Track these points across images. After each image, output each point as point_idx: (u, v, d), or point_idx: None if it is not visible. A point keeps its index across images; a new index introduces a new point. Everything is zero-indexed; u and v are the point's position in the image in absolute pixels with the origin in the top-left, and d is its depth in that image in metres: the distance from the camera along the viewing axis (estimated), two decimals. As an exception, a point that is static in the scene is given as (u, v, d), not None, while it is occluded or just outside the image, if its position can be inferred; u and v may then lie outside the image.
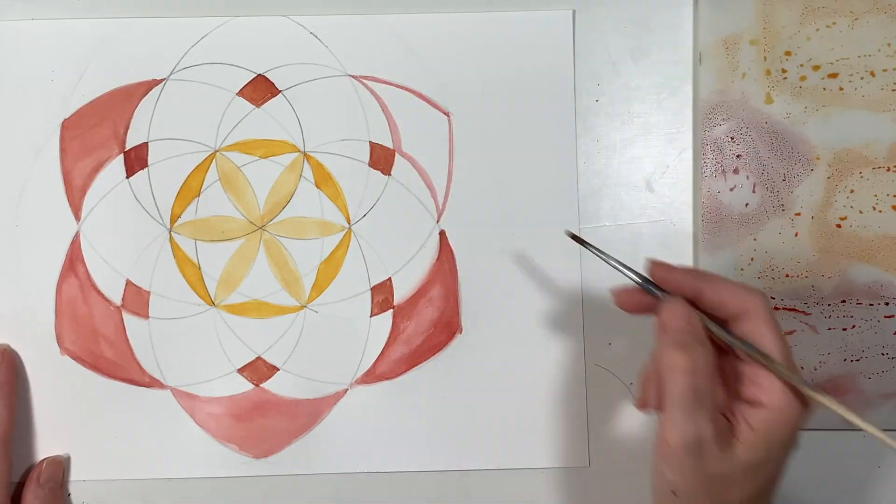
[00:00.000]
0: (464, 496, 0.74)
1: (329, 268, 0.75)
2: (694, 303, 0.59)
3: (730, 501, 0.57)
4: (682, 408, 0.56)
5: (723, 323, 0.59)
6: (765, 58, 0.73)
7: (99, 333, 0.73)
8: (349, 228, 0.75)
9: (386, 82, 0.75)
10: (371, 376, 0.75)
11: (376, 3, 0.76)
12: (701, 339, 0.57)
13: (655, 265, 0.60)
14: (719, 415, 0.57)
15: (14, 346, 0.74)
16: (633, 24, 0.76)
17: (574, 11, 0.76)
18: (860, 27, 0.73)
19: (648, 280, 0.61)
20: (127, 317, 0.74)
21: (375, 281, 0.75)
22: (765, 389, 0.57)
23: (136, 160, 0.74)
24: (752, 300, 0.58)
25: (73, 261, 0.74)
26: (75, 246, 0.74)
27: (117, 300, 0.74)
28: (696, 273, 0.60)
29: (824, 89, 0.73)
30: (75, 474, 0.74)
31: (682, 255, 0.75)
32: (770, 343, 0.57)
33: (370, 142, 0.75)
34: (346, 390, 0.74)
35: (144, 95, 0.74)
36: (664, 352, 0.57)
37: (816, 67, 0.73)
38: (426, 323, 0.75)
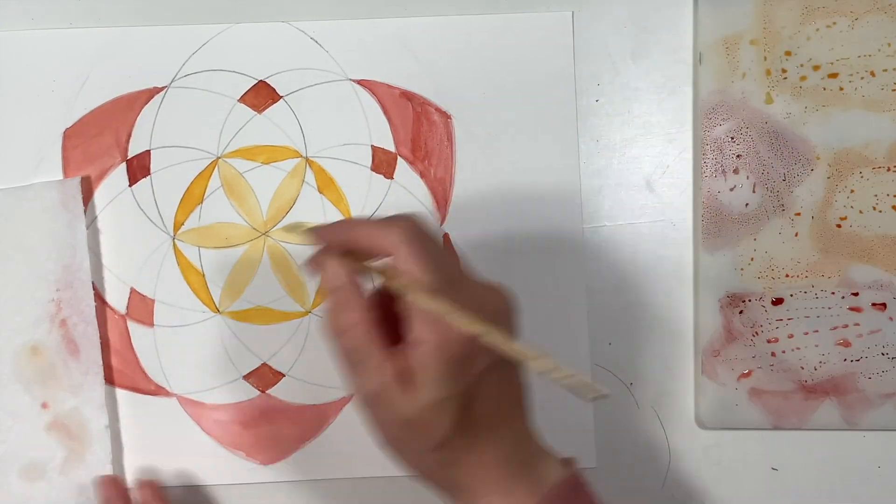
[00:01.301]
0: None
1: (333, 272, 0.75)
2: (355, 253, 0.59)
3: (433, 439, 0.57)
4: (347, 367, 0.58)
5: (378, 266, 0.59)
6: (765, 58, 0.73)
7: (104, 342, 0.74)
8: (353, 233, 0.75)
9: (387, 86, 0.76)
10: (377, 380, 0.75)
11: (376, 7, 0.76)
12: (353, 295, 0.58)
13: (313, 229, 0.61)
14: (396, 358, 0.56)
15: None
16: (633, 24, 0.76)
17: (573, 13, 0.76)
18: (860, 27, 0.73)
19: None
20: (132, 325, 0.74)
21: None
22: (414, 325, 0.57)
23: (138, 168, 0.74)
24: (391, 236, 0.57)
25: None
26: (80, 255, 0.74)
27: (122, 309, 0.74)
28: (346, 224, 0.62)
29: (824, 89, 0.73)
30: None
31: (682, 255, 0.75)
32: (411, 273, 0.56)
33: (372, 146, 0.75)
34: (352, 395, 0.75)
35: (146, 103, 0.75)
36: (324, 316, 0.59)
37: (816, 67, 0.73)
38: (429, 325, 0.75)
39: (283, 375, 0.75)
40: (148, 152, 0.75)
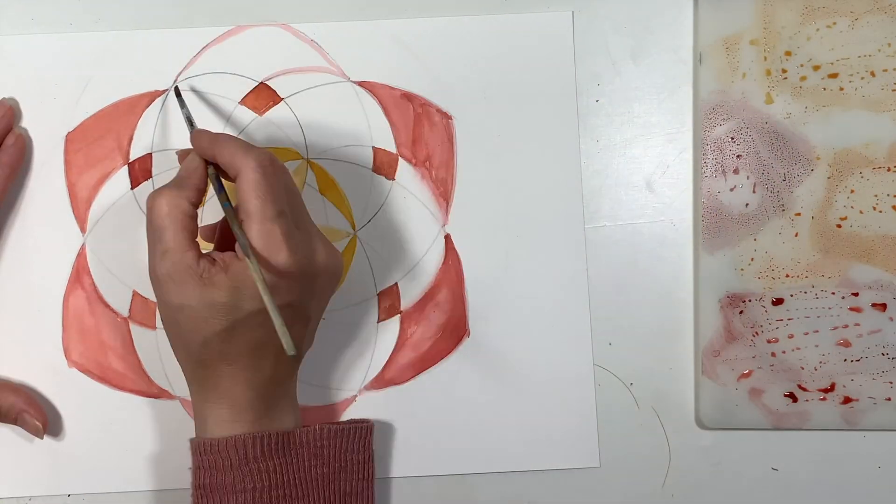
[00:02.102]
0: (474, 500, 0.75)
1: (335, 274, 0.75)
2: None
3: (199, 335, 0.63)
4: (150, 242, 0.64)
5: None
6: (765, 58, 0.73)
7: (106, 345, 0.74)
8: (354, 234, 0.76)
9: (388, 87, 0.76)
10: (380, 382, 0.75)
11: (376, 9, 0.76)
12: (186, 185, 0.65)
13: (195, 134, 0.68)
14: (203, 254, 0.63)
15: (21, 359, 0.74)
16: (633, 24, 0.76)
17: (573, 13, 0.76)
18: (860, 27, 0.72)
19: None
20: (134, 328, 0.74)
21: (382, 286, 0.76)
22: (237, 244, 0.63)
23: (140, 171, 0.75)
24: (243, 161, 0.63)
25: (80, 273, 0.74)
26: (81, 258, 0.74)
27: (124, 312, 0.75)
28: (217, 137, 0.66)
29: (824, 89, 0.73)
30: (85, 487, 0.74)
31: (682, 255, 0.75)
32: (248, 204, 0.62)
33: (373, 147, 0.76)
34: (355, 396, 0.75)
35: (147, 107, 0.75)
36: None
37: (816, 67, 0.73)
38: (434, 327, 0.76)
39: (286, 376, 0.75)
40: (150, 155, 0.75)
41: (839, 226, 0.73)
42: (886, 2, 0.73)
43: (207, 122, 0.75)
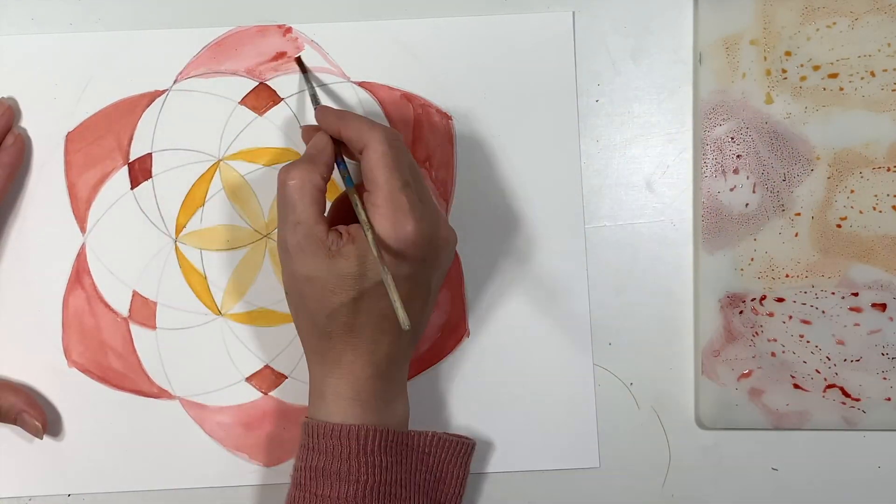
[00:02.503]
0: (474, 500, 0.75)
1: (334, 273, 0.75)
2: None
3: (327, 303, 0.64)
4: (281, 214, 0.66)
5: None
6: (765, 58, 0.73)
7: (106, 345, 0.74)
8: (355, 234, 0.76)
9: (387, 87, 0.76)
10: (380, 381, 0.75)
11: (376, 9, 0.76)
12: (318, 161, 0.66)
13: (318, 108, 0.71)
14: (331, 228, 0.65)
15: (21, 359, 0.74)
16: (633, 24, 0.76)
17: (574, 13, 0.76)
18: (860, 27, 0.72)
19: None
20: (134, 328, 0.74)
21: (381, 287, 0.76)
22: (372, 215, 0.64)
23: (140, 171, 0.75)
24: (370, 135, 0.65)
25: (80, 273, 0.74)
26: (81, 258, 0.74)
27: (124, 311, 0.74)
28: (342, 113, 0.69)
29: (824, 89, 0.73)
30: (85, 487, 0.74)
31: (682, 255, 0.75)
32: (375, 174, 0.64)
33: (375, 146, 0.76)
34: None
35: (147, 107, 0.75)
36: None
37: (816, 67, 0.73)
38: (433, 327, 0.76)
39: (286, 377, 0.75)
40: (150, 155, 0.75)
41: (839, 226, 0.73)
42: (886, 2, 0.73)
43: (208, 122, 0.75)
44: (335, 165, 0.68)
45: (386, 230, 0.63)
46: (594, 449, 0.75)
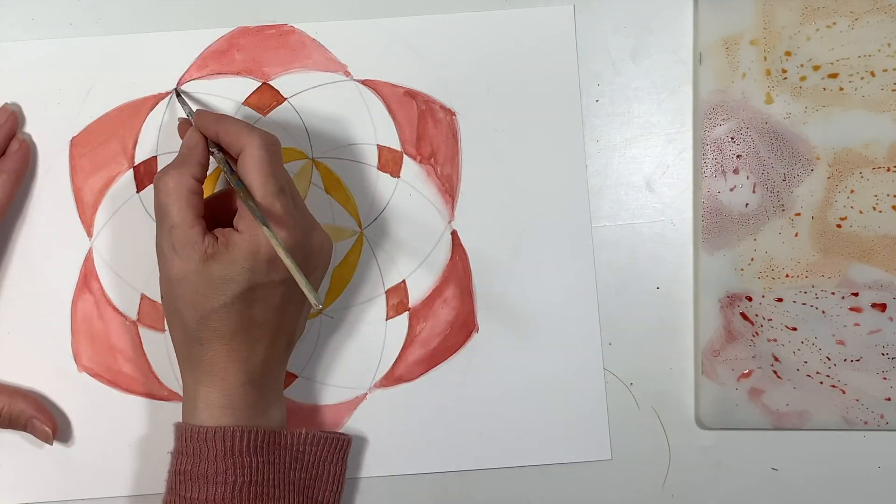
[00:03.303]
0: (488, 495, 0.75)
1: (343, 273, 0.76)
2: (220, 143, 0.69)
3: (205, 306, 0.64)
4: (158, 216, 0.66)
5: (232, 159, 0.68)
6: (765, 58, 0.73)
7: (116, 349, 0.75)
8: (361, 233, 0.76)
9: (390, 85, 0.76)
10: (390, 379, 0.76)
11: (378, 7, 0.76)
12: (190, 163, 0.67)
13: (197, 111, 0.71)
14: (205, 233, 0.65)
15: (31, 364, 0.75)
16: (633, 24, 0.76)
17: (574, 6, 0.76)
18: (860, 27, 0.72)
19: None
20: (143, 331, 0.75)
21: (389, 284, 0.76)
22: (241, 218, 0.65)
23: (145, 174, 0.75)
24: (248, 139, 0.65)
25: (87, 277, 0.75)
26: (88, 262, 0.75)
27: (133, 315, 0.75)
28: (220, 117, 0.69)
29: (824, 89, 0.73)
30: (96, 492, 0.75)
31: (682, 255, 0.75)
32: (251, 178, 0.64)
33: (378, 145, 0.76)
34: (365, 394, 0.75)
35: (151, 110, 0.75)
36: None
37: (816, 67, 0.73)
38: (442, 324, 0.76)
39: (296, 377, 0.75)
40: (155, 158, 0.75)
41: (839, 226, 0.73)
42: (886, 2, 0.72)
43: (210, 124, 0.75)
44: (219, 164, 0.68)
45: (259, 237, 0.64)
46: (606, 441, 0.75)
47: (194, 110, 0.73)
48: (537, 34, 0.76)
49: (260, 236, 0.63)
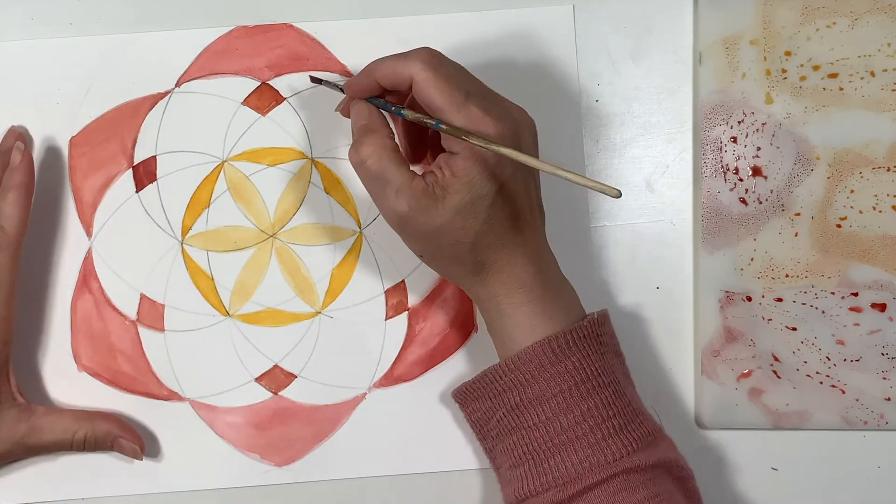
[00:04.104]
0: (489, 493, 0.75)
1: (342, 273, 0.76)
2: (380, 93, 0.68)
3: (466, 238, 0.64)
4: (374, 193, 0.66)
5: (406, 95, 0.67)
6: (765, 58, 0.73)
7: (115, 348, 0.75)
8: (360, 233, 0.76)
9: (390, 84, 0.76)
10: (389, 379, 0.76)
11: (378, 7, 0.76)
12: (375, 128, 0.66)
13: (345, 84, 0.70)
14: (424, 175, 0.64)
15: (31, 364, 0.75)
16: (633, 24, 0.76)
17: (574, 6, 0.76)
18: (860, 27, 0.72)
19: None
20: (143, 331, 0.75)
21: (389, 284, 0.76)
22: (446, 140, 0.64)
23: (144, 174, 0.75)
24: (410, 67, 0.64)
25: (87, 277, 0.75)
26: (88, 262, 0.75)
27: (132, 314, 0.75)
28: (368, 68, 0.67)
29: (824, 89, 0.73)
30: (98, 491, 0.75)
31: (682, 255, 0.75)
32: (434, 100, 0.63)
33: (377, 144, 0.76)
34: (364, 394, 0.76)
35: (150, 109, 0.76)
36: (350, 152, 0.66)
37: (816, 67, 0.72)
38: (441, 324, 0.76)
39: (296, 376, 0.76)
40: (154, 158, 0.76)
41: (839, 226, 0.73)
42: (886, 2, 0.72)
43: (211, 123, 0.75)
44: (398, 114, 0.66)
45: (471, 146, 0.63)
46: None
47: (340, 84, 0.71)
48: (537, 34, 0.76)
49: (474, 150, 0.63)
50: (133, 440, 0.73)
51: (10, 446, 0.71)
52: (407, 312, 0.76)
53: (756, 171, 0.73)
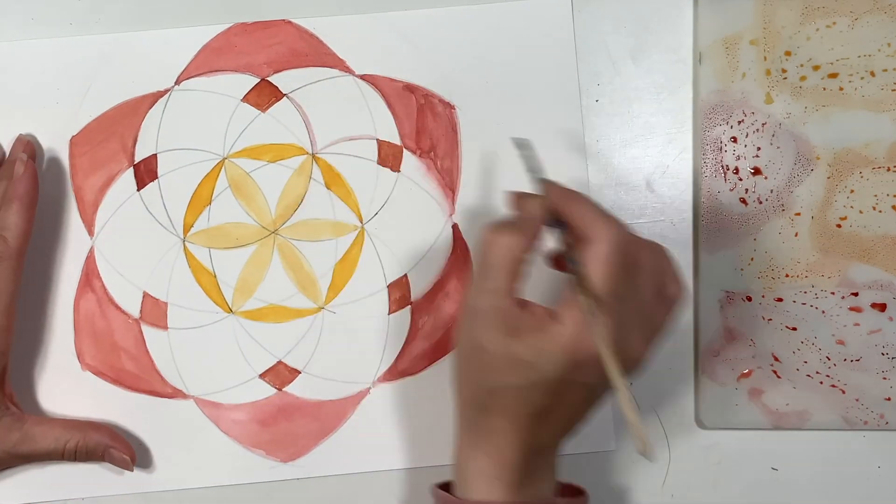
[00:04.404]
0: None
1: (344, 268, 0.76)
2: (562, 219, 0.63)
3: (493, 382, 0.61)
4: (476, 275, 0.62)
5: (574, 240, 0.62)
6: (765, 58, 0.73)
7: (119, 347, 0.75)
8: (362, 227, 0.76)
9: (389, 79, 0.76)
10: (393, 373, 0.76)
11: (376, 1, 0.76)
12: (526, 232, 0.61)
13: (543, 181, 0.64)
14: (521, 305, 0.61)
15: (34, 363, 0.75)
16: (633, 24, 0.76)
17: (573, 2, 0.76)
18: (860, 27, 0.72)
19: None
20: (146, 329, 0.75)
21: (391, 278, 0.76)
22: (567, 306, 0.60)
23: (145, 172, 0.76)
24: (600, 232, 0.60)
25: (89, 276, 0.75)
26: (90, 261, 0.75)
27: (135, 313, 0.75)
28: (572, 194, 0.63)
29: (824, 89, 0.73)
30: (103, 490, 0.75)
31: (682, 255, 0.74)
32: (596, 275, 0.59)
33: (377, 139, 0.76)
34: (368, 389, 0.76)
35: (150, 107, 0.76)
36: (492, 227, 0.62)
37: (816, 67, 0.73)
38: (445, 317, 0.76)
39: (300, 372, 0.76)
40: (154, 156, 0.76)
41: (839, 226, 0.73)
42: (886, 2, 0.72)
43: (211, 120, 0.75)
44: (559, 244, 0.63)
45: (583, 336, 0.58)
46: (610, 432, 0.75)
47: (543, 177, 0.65)
48: (535, 26, 0.76)
49: (583, 335, 0.58)
50: (124, 451, 0.72)
51: (2, 455, 0.71)
52: (410, 306, 0.76)
53: (756, 171, 0.73)
